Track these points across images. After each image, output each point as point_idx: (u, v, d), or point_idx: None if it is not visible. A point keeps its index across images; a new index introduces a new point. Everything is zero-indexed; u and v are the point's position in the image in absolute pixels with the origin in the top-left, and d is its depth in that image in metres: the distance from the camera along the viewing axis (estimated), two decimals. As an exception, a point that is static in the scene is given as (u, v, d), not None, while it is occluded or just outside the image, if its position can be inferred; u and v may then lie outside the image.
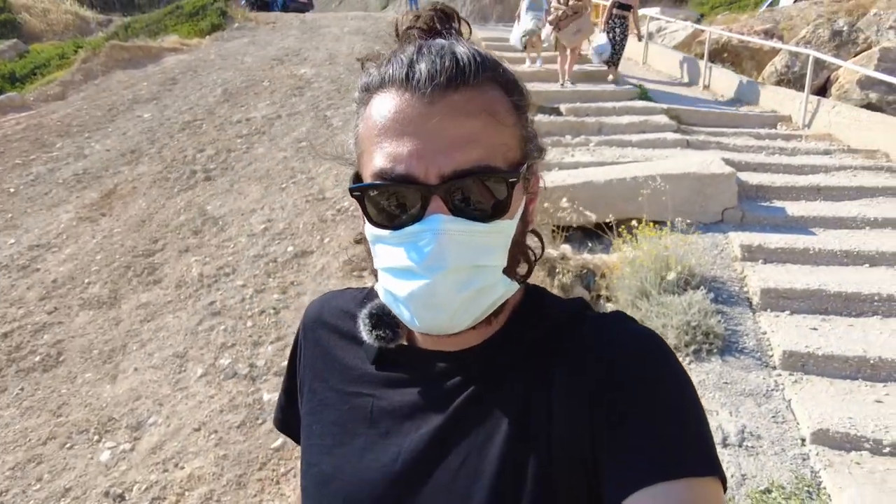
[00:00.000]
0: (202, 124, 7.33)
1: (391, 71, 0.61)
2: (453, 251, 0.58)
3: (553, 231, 4.57)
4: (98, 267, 4.61)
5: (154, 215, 5.36)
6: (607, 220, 4.48)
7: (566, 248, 4.53)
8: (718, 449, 2.83)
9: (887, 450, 2.72)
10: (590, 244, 4.65)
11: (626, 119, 6.66)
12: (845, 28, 8.73)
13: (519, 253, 0.66)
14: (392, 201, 0.60)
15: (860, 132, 6.41)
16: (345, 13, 16.78)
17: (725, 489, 0.57)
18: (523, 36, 8.58)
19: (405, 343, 0.71)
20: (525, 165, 0.62)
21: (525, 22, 8.54)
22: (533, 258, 0.69)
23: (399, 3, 18.75)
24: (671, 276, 3.77)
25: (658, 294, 3.73)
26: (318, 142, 6.37)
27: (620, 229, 4.25)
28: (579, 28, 7.81)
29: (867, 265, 4.13)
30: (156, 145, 6.83)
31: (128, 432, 3.10)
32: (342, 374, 0.74)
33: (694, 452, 0.56)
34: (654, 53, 10.11)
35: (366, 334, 0.71)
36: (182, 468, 2.85)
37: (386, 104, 0.60)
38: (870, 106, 6.95)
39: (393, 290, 0.62)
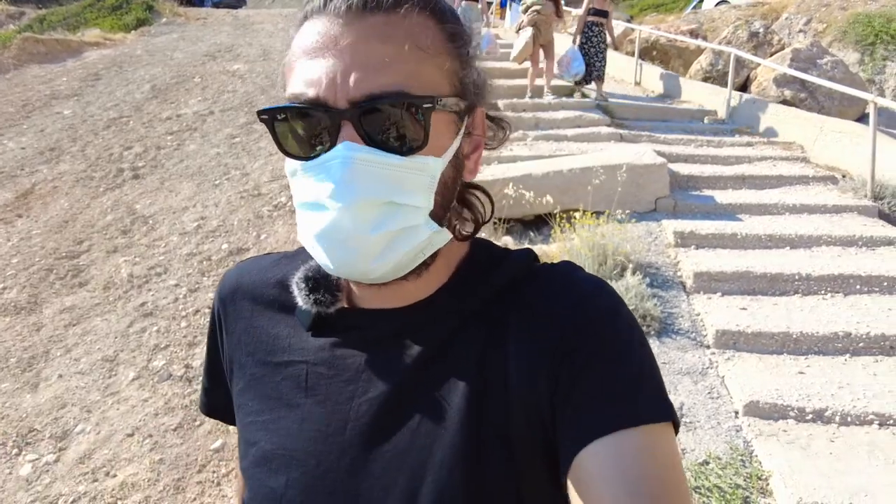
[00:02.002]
0: (129, 121, 6.99)
1: (314, 1, 0.59)
2: (363, 183, 0.54)
3: (494, 223, 4.61)
4: (14, 271, 4.30)
5: (78, 216, 5.05)
6: (547, 212, 4.56)
7: (508, 240, 4.59)
8: (658, 426, 2.93)
9: (810, 416, 2.89)
10: (531, 235, 4.72)
11: (561, 114, 6.81)
12: (761, 30, 9.26)
13: (450, 199, 0.62)
14: (303, 129, 0.56)
15: (778, 126, 6.81)
16: (279, 10, 16.40)
17: (677, 431, 0.58)
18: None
19: (345, 306, 0.66)
20: (450, 98, 0.58)
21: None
22: (481, 217, 0.66)
23: (335, 1, 18.45)
24: (608, 263, 3.88)
25: (597, 280, 3.82)
26: (253, 137, 6.19)
27: (558, 219, 4.34)
28: (525, 41, 7.02)
29: (788, 248, 4.38)
30: (78, 143, 6.45)
31: (52, 443, 2.90)
32: (271, 345, 0.68)
33: (648, 400, 0.56)
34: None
35: (301, 299, 0.65)
36: (114, 476, 2.69)
37: (305, 31, 0.58)
38: (785, 102, 7.40)
39: (305, 226, 0.58)
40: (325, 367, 0.64)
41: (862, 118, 7.25)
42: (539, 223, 4.74)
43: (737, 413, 3.02)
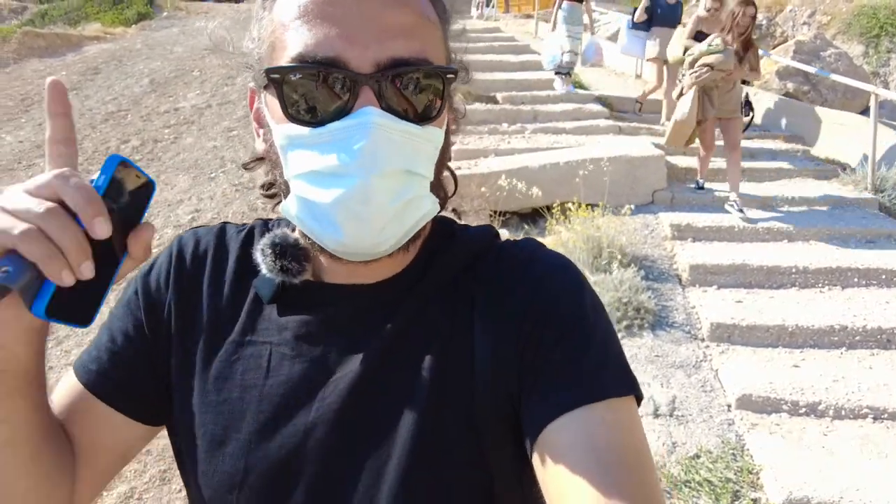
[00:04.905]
0: (127, 115, 6.99)
1: None
2: (387, 150, 0.51)
3: (491, 216, 4.58)
4: (9, 263, 4.32)
5: (73, 209, 5.06)
6: (543, 205, 4.54)
7: (504, 233, 4.56)
8: (650, 420, 2.90)
9: (803, 410, 2.86)
10: (526, 227, 4.69)
11: (560, 107, 6.75)
12: (764, 22, 9.17)
13: (441, 171, 0.61)
14: (315, 91, 0.52)
15: (780, 119, 6.74)
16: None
17: (640, 404, 0.58)
18: (557, 58, 6.83)
19: (311, 279, 0.63)
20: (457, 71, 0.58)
21: (559, 38, 6.77)
22: (445, 194, 0.65)
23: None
24: (603, 255, 3.85)
25: (591, 273, 3.79)
26: (250, 129, 6.18)
27: (554, 210, 4.31)
28: (684, 112, 4.58)
29: (786, 240, 4.34)
30: (76, 136, 6.46)
31: (40, 433, 2.90)
32: (226, 321, 0.64)
33: (612, 374, 0.56)
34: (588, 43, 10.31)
35: (267, 266, 0.61)
36: (100, 467, 2.69)
37: None
38: (788, 94, 7.32)
39: (313, 197, 0.53)
40: (288, 348, 0.61)
41: (865, 111, 7.15)
42: (535, 216, 4.71)
43: (729, 406, 2.98)
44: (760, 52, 7.40)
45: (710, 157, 4.93)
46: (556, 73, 7.11)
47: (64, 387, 0.65)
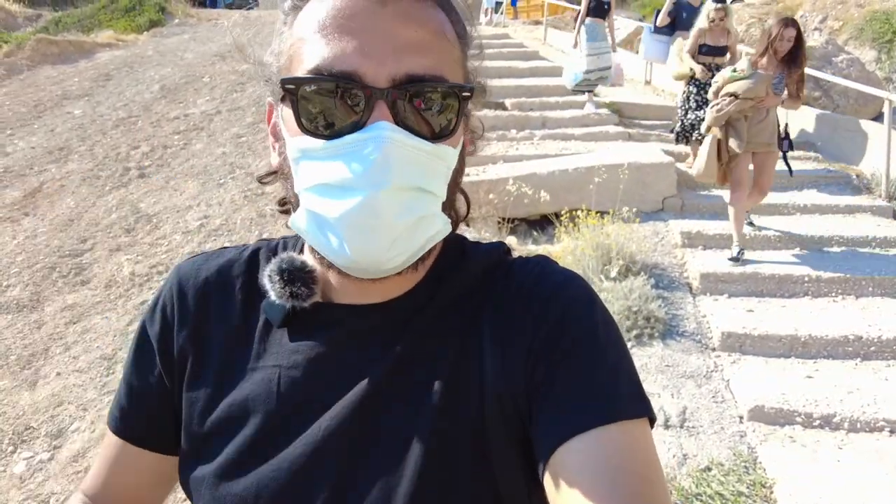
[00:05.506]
0: (137, 121, 7.02)
1: None
2: (398, 165, 0.51)
3: (499, 223, 4.56)
4: (19, 269, 4.33)
5: (83, 214, 5.07)
6: (552, 211, 4.51)
7: (512, 240, 4.54)
8: (660, 431, 2.86)
9: (817, 422, 2.80)
10: (534, 234, 4.66)
11: (569, 113, 6.73)
12: (776, 27, 9.10)
13: (454, 192, 0.61)
14: (329, 104, 0.53)
15: (791, 124, 6.67)
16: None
17: (653, 426, 0.57)
18: (580, 76, 6.50)
19: (320, 300, 0.63)
20: (472, 90, 0.58)
21: (582, 56, 6.45)
22: (456, 215, 0.64)
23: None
24: (612, 263, 3.81)
25: (600, 281, 3.76)
26: (259, 136, 6.20)
27: (563, 217, 4.28)
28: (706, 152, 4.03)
29: (798, 248, 4.28)
30: (87, 142, 6.49)
31: (47, 441, 2.89)
32: (241, 345, 0.64)
33: (625, 395, 0.55)
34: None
35: (276, 293, 0.61)
36: (106, 475, 2.67)
37: (325, 3, 0.54)
38: (799, 100, 7.25)
39: (321, 211, 0.53)
40: (298, 371, 0.61)
41: (878, 117, 7.08)
42: (544, 223, 4.68)
43: (741, 418, 2.94)
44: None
45: (745, 207, 3.97)
46: (585, 92, 6.86)
47: (105, 442, 0.71)
